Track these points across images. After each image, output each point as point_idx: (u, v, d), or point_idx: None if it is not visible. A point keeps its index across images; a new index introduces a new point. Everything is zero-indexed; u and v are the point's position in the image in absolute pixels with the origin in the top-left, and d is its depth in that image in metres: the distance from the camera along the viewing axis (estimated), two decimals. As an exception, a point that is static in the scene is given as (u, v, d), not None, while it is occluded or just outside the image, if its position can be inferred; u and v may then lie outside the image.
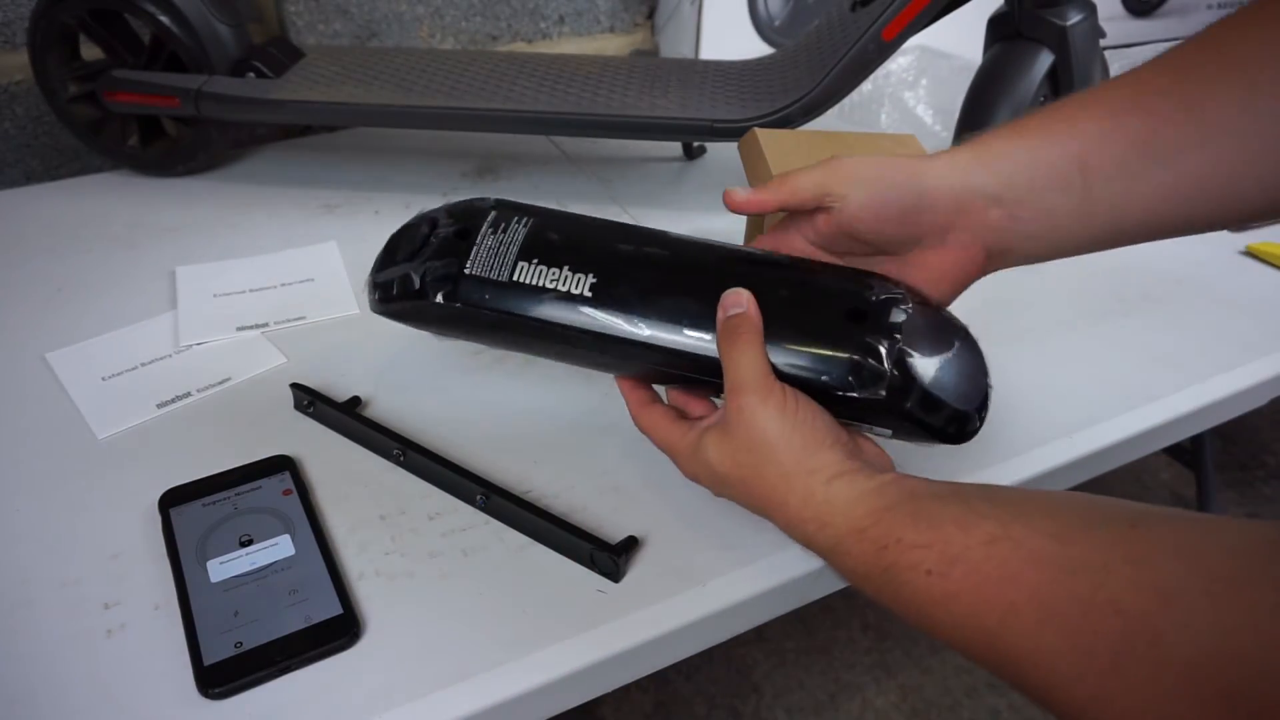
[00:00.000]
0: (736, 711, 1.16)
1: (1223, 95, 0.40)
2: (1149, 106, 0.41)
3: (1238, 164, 0.40)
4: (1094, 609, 0.30)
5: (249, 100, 0.81)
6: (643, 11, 1.21)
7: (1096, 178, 0.42)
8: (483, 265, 0.48)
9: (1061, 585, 0.32)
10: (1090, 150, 0.41)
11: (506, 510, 0.52)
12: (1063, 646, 0.31)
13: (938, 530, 0.36)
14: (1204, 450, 1.09)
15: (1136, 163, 0.41)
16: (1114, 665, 0.29)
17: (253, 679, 0.43)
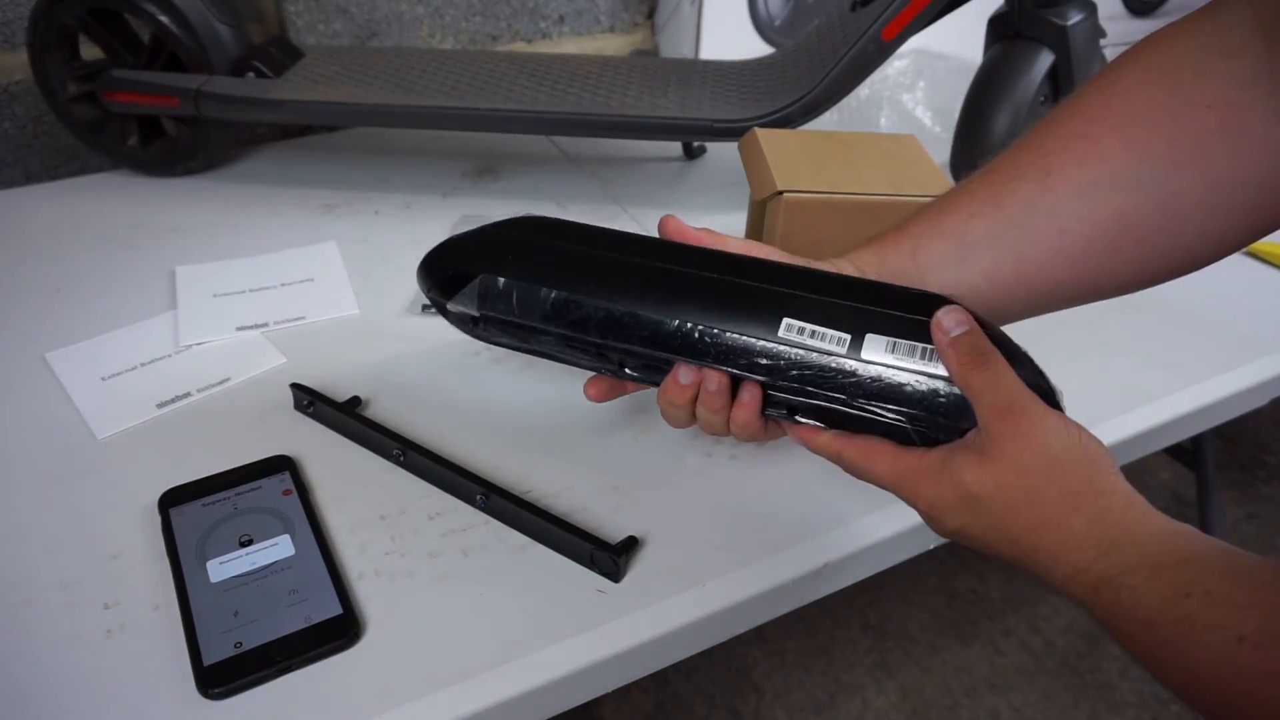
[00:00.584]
0: (736, 711, 1.16)
1: (1021, 184, 0.45)
2: (961, 204, 0.47)
3: (1044, 242, 0.44)
4: None
5: (249, 100, 0.81)
6: (643, 11, 1.21)
7: (926, 269, 0.47)
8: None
9: None
10: (918, 247, 0.47)
11: (506, 510, 0.52)
12: None
13: (1263, 593, 0.32)
14: (1204, 450, 1.09)
15: (954, 252, 0.46)
16: None
17: (253, 679, 0.43)
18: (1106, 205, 0.43)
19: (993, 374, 0.40)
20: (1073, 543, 0.37)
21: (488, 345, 0.68)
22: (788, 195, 0.62)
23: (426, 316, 0.71)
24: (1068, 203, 0.44)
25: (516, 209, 0.87)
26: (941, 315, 0.41)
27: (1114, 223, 0.43)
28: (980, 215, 0.46)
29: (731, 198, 0.91)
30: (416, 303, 0.73)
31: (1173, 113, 0.42)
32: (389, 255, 0.79)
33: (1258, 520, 1.45)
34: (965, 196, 0.47)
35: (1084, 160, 0.44)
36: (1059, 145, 0.45)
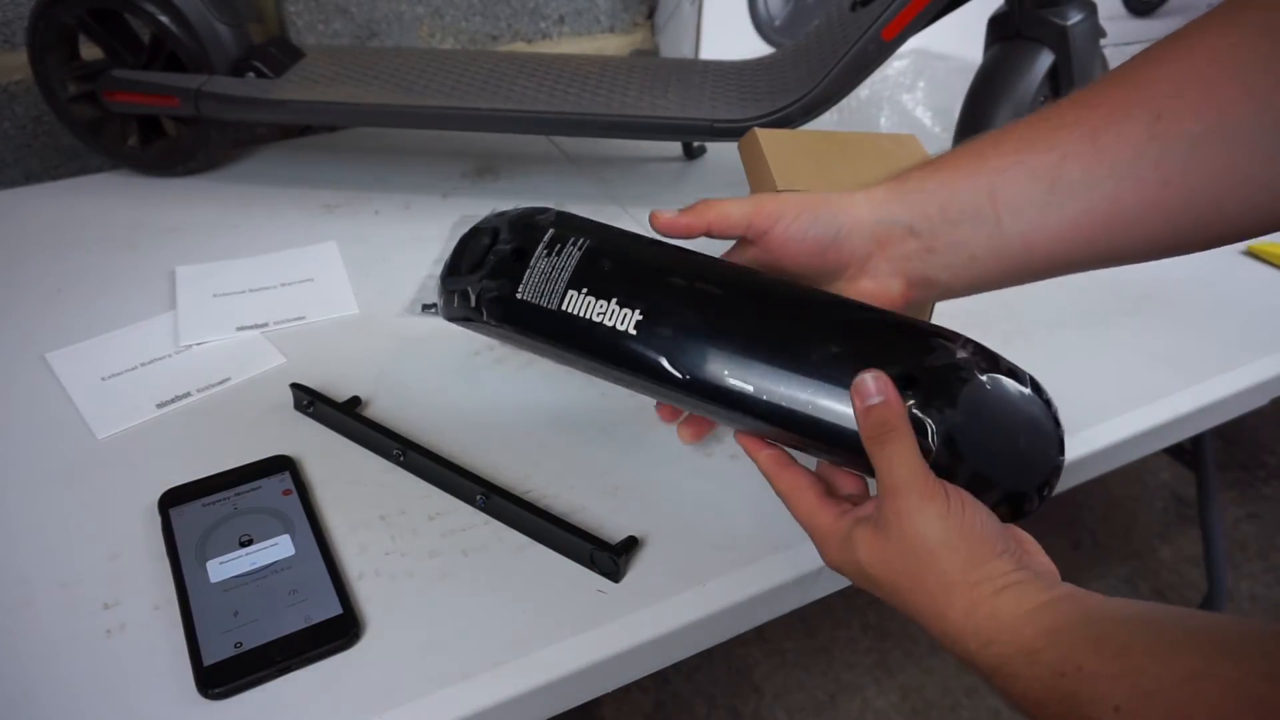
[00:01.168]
0: (736, 711, 1.16)
1: (1127, 126, 0.40)
2: (1054, 140, 0.42)
3: (1145, 193, 0.40)
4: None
5: (249, 100, 0.81)
6: (643, 11, 1.21)
7: (1005, 211, 0.42)
8: (534, 290, 0.47)
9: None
10: (998, 184, 0.42)
11: (506, 510, 0.52)
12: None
13: (1126, 659, 0.32)
14: (1204, 450, 1.09)
15: (1043, 196, 0.42)
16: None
17: (252, 679, 0.43)
18: (1218, 158, 0.39)
19: (888, 453, 0.39)
20: (954, 634, 0.38)
21: (489, 345, 0.68)
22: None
23: (426, 316, 0.71)
24: (1177, 152, 0.39)
25: (516, 209, 0.87)
26: (863, 379, 0.40)
27: (1223, 177, 0.39)
28: (1076, 156, 0.41)
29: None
30: (417, 303, 0.73)
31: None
32: (389, 255, 0.79)
33: (1258, 520, 1.45)
34: (1057, 131, 0.42)
35: (1200, 107, 0.39)
36: (1170, 87, 0.40)
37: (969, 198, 0.43)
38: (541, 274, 0.47)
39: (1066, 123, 0.42)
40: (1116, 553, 1.39)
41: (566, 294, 0.46)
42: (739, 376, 0.43)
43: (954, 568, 0.38)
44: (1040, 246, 0.43)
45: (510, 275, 0.48)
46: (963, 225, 0.43)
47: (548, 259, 0.47)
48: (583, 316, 0.46)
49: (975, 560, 0.38)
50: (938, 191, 0.44)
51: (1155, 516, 1.45)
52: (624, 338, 0.45)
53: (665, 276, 0.46)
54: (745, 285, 0.45)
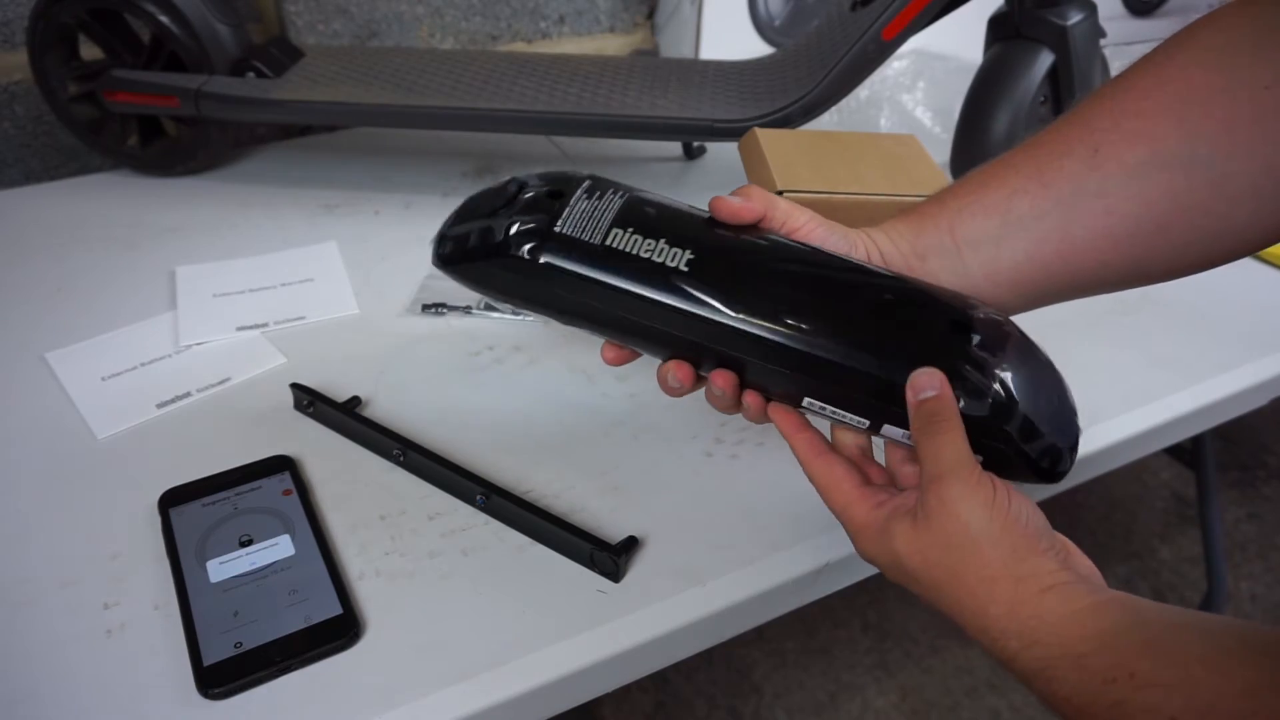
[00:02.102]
0: (736, 711, 1.16)
1: (1068, 161, 0.43)
2: (1004, 179, 0.45)
3: (1089, 222, 0.43)
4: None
5: (249, 100, 0.81)
6: (643, 11, 1.21)
7: (965, 246, 0.45)
8: (574, 226, 0.44)
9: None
10: (956, 223, 0.45)
11: (506, 510, 0.52)
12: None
13: (1181, 668, 0.31)
14: (1204, 450, 1.09)
15: (995, 230, 0.44)
16: None
17: (252, 679, 0.43)
18: (1157, 186, 0.41)
19: (938, 443, 0.40)
20: (994, 631, 0.37)
21: (489, 345, 0.68)
22: (788, 195, 0.62)
23: (426, 316, 0.71)
24: (1117, 182, 0.42)
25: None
26: (918, 375, 0.41)
27: (1164, 204, 0.42)
28: (1024, 192, 0.44)
29: (731, 198, 0.90)
30: (417, 303, 0.73)
31: (1230, 92, 0.40)
32: (389, 255, 0.79)
33: (1258, 520, 1.45)
34: (1008, 171, 0.45)
35: (1135, 139, 0.42)
36: (1109, 122, 0.43)
37: (933, 236, 0.46)
38: (582, 213, 0.44)
39: (1016, 162, 0.45)
40: (1116, 553, 1.39)
41: (611, 231, 0.43)
42: (795, 318, 0.42)
43: (997, 560, 0.37)
44: (1002, 276, 0.44)
45: (547, 211, 0.44)
46: (930, 259, 0.46)
47: (588, 201, 0.44)
48: (629, 252, 0.43)
49: (1020, 554, 0.38)
50: (907, 233, 0.47)
51: (1155, 516, 1.45)
52: (675, 274, 0.43)
53: (711, 226, 0.45)
54: (792, 245, 0.45)
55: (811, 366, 0.42)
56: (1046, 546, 0.38)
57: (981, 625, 0.38)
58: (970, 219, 0.45)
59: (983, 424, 0.41)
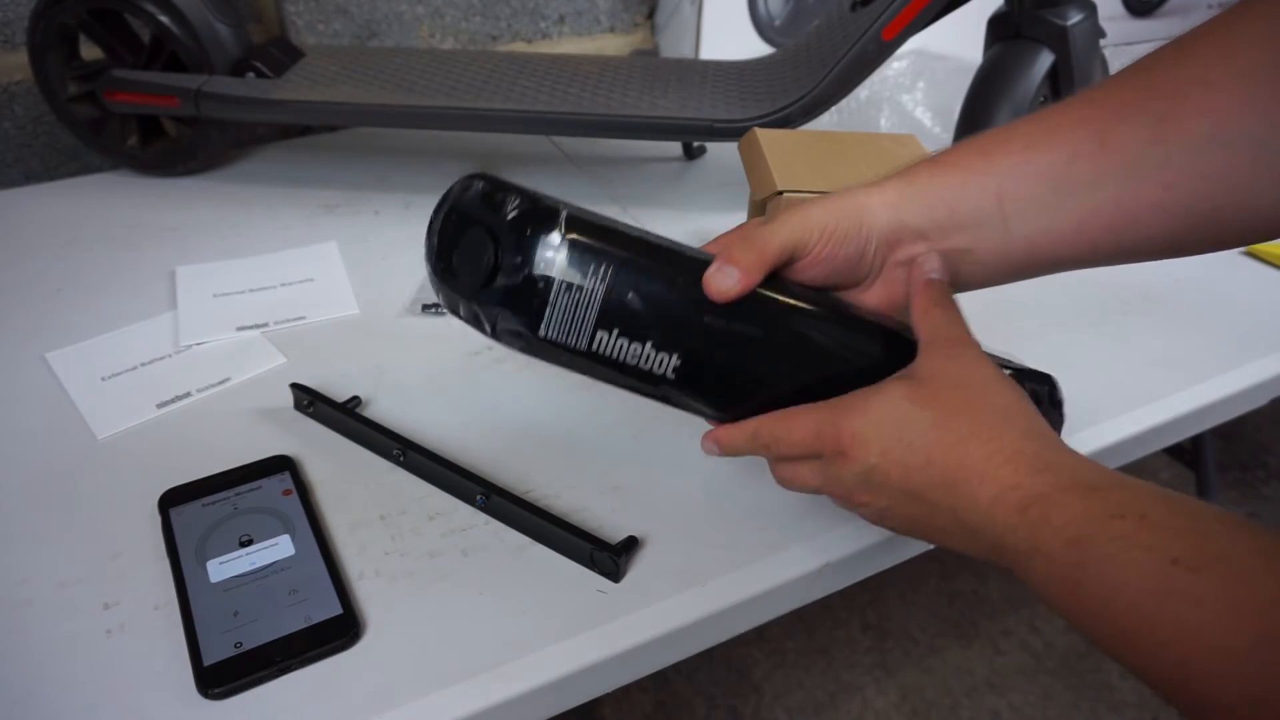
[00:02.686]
0: (736, 711, 1.16)
1: (1132, 127, 0.40)
2: (1062, 140, 0.41)
3: (1148, 196, 0.40)
4: None
5: (249, 100, 0.81)
6: (643, 11, 1.21)
7: (1012, 213, 0.42)
8: (558, 329, 0.42)
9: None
10: (1005, 185, 0.42)
11: (506, 510, 0.52)
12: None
13: (1196, 521, 0.31)
14: (1204, 450, 1.09)
15: (1049, 196, 0.41)
16: None
17: (252, 679, 0.43)
18: (1218, 163, 0.39)
19: (950, 315, 0.42)
20: (1003, 455, 0.36)
21: (488, 345, 0.68)
22: (788, 195, 0.62)
23: (426, 316, 0.71)
24: (1180, 156, 0.39)
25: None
26: (926, 257, 0.43)
27: (1222, 182, 0.39)
28: (1083, 157, 0.41)
29: (731, 198, 0.91)
30: (417, 303, 0.73)
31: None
32: (389, 255, 0.79)
33: (1258, 520, 1.45)
34: (1063, 129, 0.42)
35: (1203, 111, 0.39)
36: (1173, 89, 0.40)
37: (976, 199, 0.43)
38: (565, 311, 0.42)
39: (1073, 121, 0.42)
40: (1116, 553, 1.38)
41: (595, 335, 0.42)
42: (777, 404, 0.44)
43: (1013, 398, 0.39)
44: (1043, 248, 0.43)
45: (528, 311, 0.41)
46: (969, 228, 0.43)
47: (568, 294, 0.41)
48: (615, 358, 0.43)
49: (1032, 409, 0.39)
50: (945, 193, 0.43)
51: (1155, 516, 1.45)
52: (661, 381, 0.43)
53: (699, 314, 0.42)
54: (780, 315, 0.44)
55: None
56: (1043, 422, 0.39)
57: (987, 451, 0.36)
58: (1021, 182, 0.42)
59: None
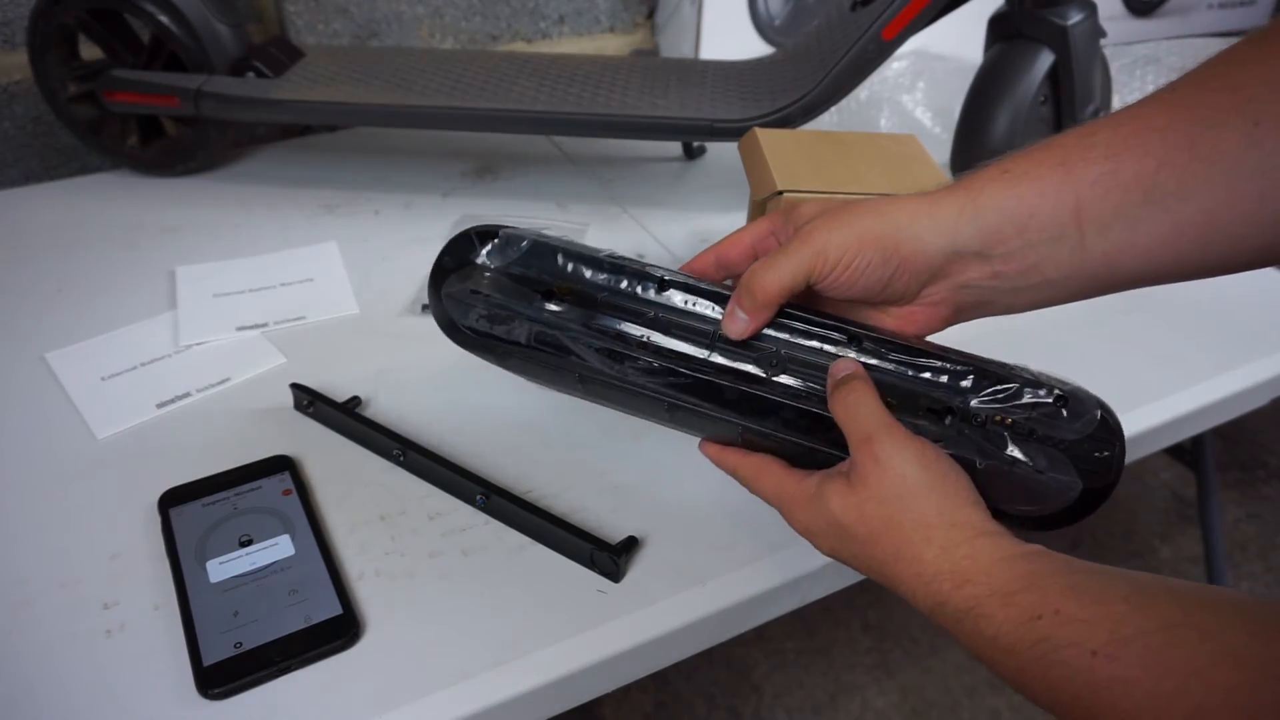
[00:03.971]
0: (736, 711, 1.16)
1: (1225, 132, 0.37)
2: (1148, 147, 0.38)
3: (1242, 206, 0.37)
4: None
5: (249, 100, 0.81)
6: (643, 11, 1.21)
7: (1090, 229, 0.39)
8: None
9: (1266, 691, 0.27)
10: (1086, 200, 0.39)
11: (506, 510, 0.52)
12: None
13: (1105, 606, 0.32)
14: (1204, 450, 1.09)
15: (1135, 210, 0.38)
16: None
17: (252, 679, 0.43)
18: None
19: (854, 404, 0.40)
20: (928, 574, 0.38)
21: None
22: (788, 195, 0.62)
23: (426, 316, 0.71)
24: (1275, 162, 0.36)
25: (517, 209, 0.88)
26: (837, 364, 0.42)
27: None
28: (1172, 165, 0.37)
29: (731, 198, 0.91)
30: (417, 303, 0.73)
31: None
32: (389, 255, 0.79)
33: (1258, 520, 1.45)
34: (1149, 134, 0.38)
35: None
36: (1265, 91, 0.36)
37: (1051, 215, 0.39)
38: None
39: (1158, 125, 0.38)
40: (1116, 553, 1.39)
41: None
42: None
43: (932, 507, 0.38)
44: (1124, 265, 0.39)
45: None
46: (1041, 246, 0.40)
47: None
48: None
49: (954, 503, 0.38)
50: (1016, 209, 0.40)
51: (1155, 516, 1.45)
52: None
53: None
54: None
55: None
56: (975, 501, 0.39)
57: (916, 571, 0.38)
58: (1105, 195, 0.38)
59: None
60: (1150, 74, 1.10)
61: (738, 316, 0.43)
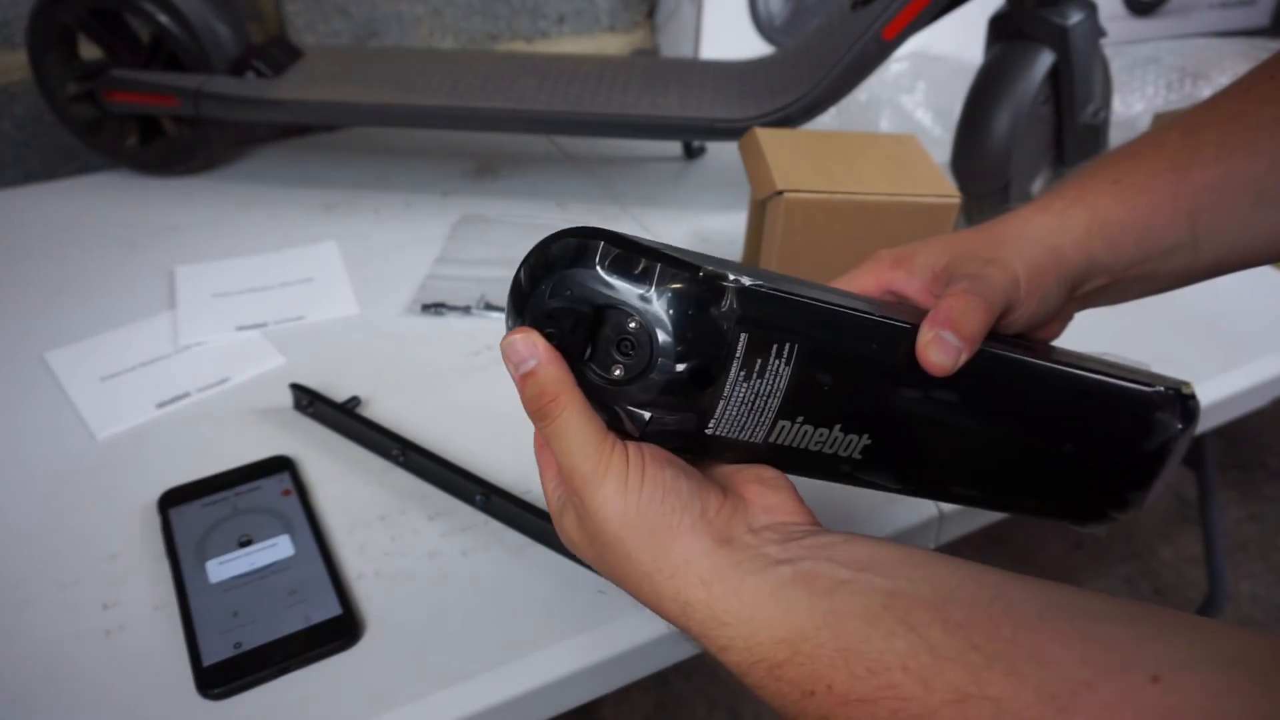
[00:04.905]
0: (736, 712, 1.16)
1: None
2: (1258, 146, 0.37)
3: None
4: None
5: (248, 100, 0.81)
6: (643, 11, 1.21)
7: (1204, 234, 0.38)
8: (731, 425, 0.34)
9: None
10: (1200, 206, 0.38)
11: (506, 510, 0.52)
12: None
13: (880, 676, 0.27)
14: (1205, 450, 1.09)
15: (1247, 212, 0.38)
16: None
17: (252, 680, 0.43)
18: None
19: (555, 429, 0.33)
20: (684, 628, 0.32)
21: (489, 345, 0.68)
22: (788, 195, 0.62)
23: (426, 316, 0.71)
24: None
25: (516, 208, 0.87)
26: (511, 341, 0.32)
27: None
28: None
29: (731, 198, 0.90)
30: (417, 303, 0.73)
31: None
32: (389, 255, 0.79)
33: (1259, 520, 1.45)
34: (1255, 131, 0.37)
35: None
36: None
37: (1168, 227, 0.38)
38: (742, 404, 0.34)
39: (1265, 121, 0.37)
40: (1116, 553, 1.39)
41: (776, 425, 0.35)
42: (962, 486, 0.39)
43: (645, 557, 0.32)
44: (1231, 262, 0.40)
45: (693, 407, 0.33)
46: (1155, 257, 0.39)
47: (748, 384, 0.33)
48: (796, 448, 0.36)
49: (662, 541, 0.32)
50: (1134, 223, 0.39)
51: (1156, 516, 1.45)
52: (845, 463, 0.37)
53: (893, 386, 0.36)
54: (973, 383, 0.37)
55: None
56: (693, 521, 0.32)
57: (670, 621, 0.33)
58: (1219, 201, 0.38)
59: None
60: (1150, 74, 1.10)
61: (947, 345, 0.34)
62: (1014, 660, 0.26)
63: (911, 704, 0.27)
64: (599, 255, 0.32)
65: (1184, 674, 0.24)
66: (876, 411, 0.36)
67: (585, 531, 0.34)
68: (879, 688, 0.27)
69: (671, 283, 0.32)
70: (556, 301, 0.33)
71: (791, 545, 0.32)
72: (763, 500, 0.35)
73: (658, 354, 0.32)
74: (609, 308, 0.32)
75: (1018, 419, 0.38)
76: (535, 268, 0.33)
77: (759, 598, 0.30)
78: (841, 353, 0.35)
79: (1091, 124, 0.85)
